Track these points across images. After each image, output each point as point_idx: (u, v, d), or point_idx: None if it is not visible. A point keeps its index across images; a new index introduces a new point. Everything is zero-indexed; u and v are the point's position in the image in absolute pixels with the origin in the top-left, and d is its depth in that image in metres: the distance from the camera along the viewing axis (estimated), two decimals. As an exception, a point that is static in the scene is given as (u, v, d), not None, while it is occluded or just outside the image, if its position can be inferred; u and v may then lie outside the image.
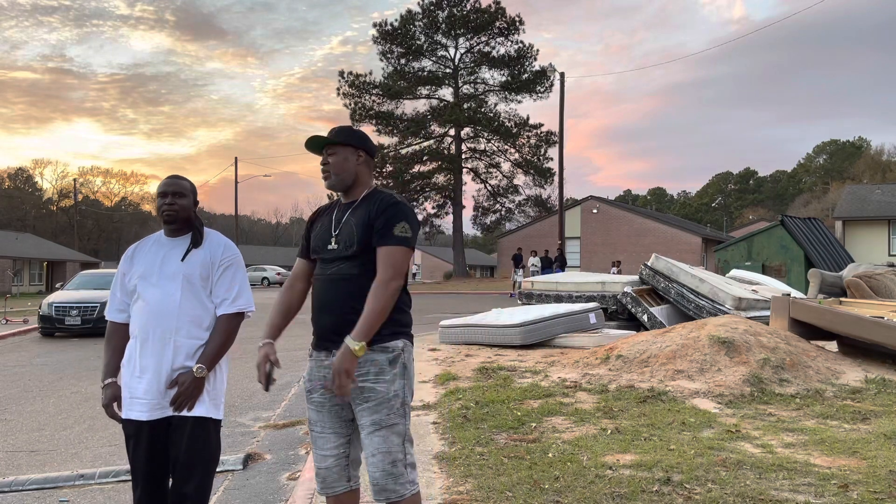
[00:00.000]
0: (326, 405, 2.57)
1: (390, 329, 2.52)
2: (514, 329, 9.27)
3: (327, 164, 2.65)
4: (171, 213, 2.74)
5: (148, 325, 2.64)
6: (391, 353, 2.51)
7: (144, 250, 2.77)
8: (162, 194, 2.75)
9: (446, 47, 42.07)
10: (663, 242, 38.46)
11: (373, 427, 2.46)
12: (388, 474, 2.44)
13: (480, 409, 5.64)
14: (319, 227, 2.70)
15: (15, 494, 4.29)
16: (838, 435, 4.73)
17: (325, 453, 2.57)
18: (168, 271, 2.69)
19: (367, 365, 2.47)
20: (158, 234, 2.84)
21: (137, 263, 2.74)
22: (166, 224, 2.76)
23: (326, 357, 2.56)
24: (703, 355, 6.62)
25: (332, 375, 2.40)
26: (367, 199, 2.64)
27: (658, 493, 3.60)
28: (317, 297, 2.62)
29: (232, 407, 6.78)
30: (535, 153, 41.61)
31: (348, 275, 2.54)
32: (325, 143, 2.66)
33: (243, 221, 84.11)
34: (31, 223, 68.02)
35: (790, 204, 74.20)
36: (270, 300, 19.81)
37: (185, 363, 2.64)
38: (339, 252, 2.57)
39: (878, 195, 30.73)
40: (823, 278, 11.85)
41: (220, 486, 4.36)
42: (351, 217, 2.59)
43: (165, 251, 2.74)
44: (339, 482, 2.59)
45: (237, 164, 49.11)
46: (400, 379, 2.52)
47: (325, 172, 2.65)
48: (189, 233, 2.78)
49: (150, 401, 2.61)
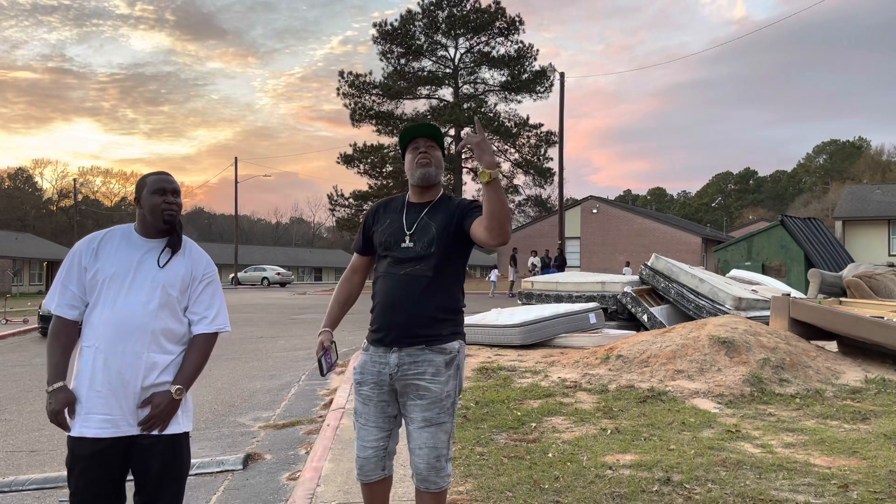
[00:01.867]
0: (374, 399, 2.66)
1: (450, 329, 2.64)
2: (514, 329, 9.27)
3: (429, 153, 2.68)
4: (172, 213, 2.49)
5: (118, 337, 2.38)
6: (448, 354, 2.61)
7: (112, 247, 2.47)
8: (160, 191, 2.49)
9: (446, 47, 42.09)
10: (663, 242, 38.46)
11: (423, 423, 2.57)
12: (431, 467, 2.58)
13: (480, 409, 5.64)
14: (388, 223, 2.71)
15: (15, 494, 4.29)
16: (838, 435, 4.73)
17: (367, 444, 2.68)
18: (146, 277, 2.44)
19: (425, 365, 2.58)
20: (126, 229, 2.54)
21: (106, 261, 2.44)
22: (165, 224, 2.49)
23: (385, 354, 2.63)
24: (703, 355, 6.62)
25: (473, 140, 2.36)
26: (444, 202, 2.72)
27: (658, 493, 3.61)
28: (386, 293, 2.64)
29: (232, 407, 6.78)
30: (535, 153, 41.64)
31: (423, 276, 2.60)
32: (431, 136, 2.71)
33: (243, 221, 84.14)
34: (31, 223, 68.03)
35: (790, 204, 74.21)
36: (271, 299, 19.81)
37: (157, 380, 2.42)
38: (415, 252, 2.62)
39: (878, 195, 30.73)
40: (823, 278, 11.85)
41: (220, 486, 4.36)
42: (429, 218, 2.65)
43: (141, 253, 2.47)
44: (376, 472, 2.69)
45: (237, 164, 49.14)
46: (453, 380, 2.63)
47: (427, 160, 2.67)
48: (167, 236, 2.53)
49: (113, 418, 2.37)
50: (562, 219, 31.65)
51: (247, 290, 38.00)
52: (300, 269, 70.29)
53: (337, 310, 2.87)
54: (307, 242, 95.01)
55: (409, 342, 2.58)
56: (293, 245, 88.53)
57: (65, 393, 2.36)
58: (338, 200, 42.98)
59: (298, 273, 67.96)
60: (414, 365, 2.58)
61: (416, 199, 2.73)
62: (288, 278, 47.40)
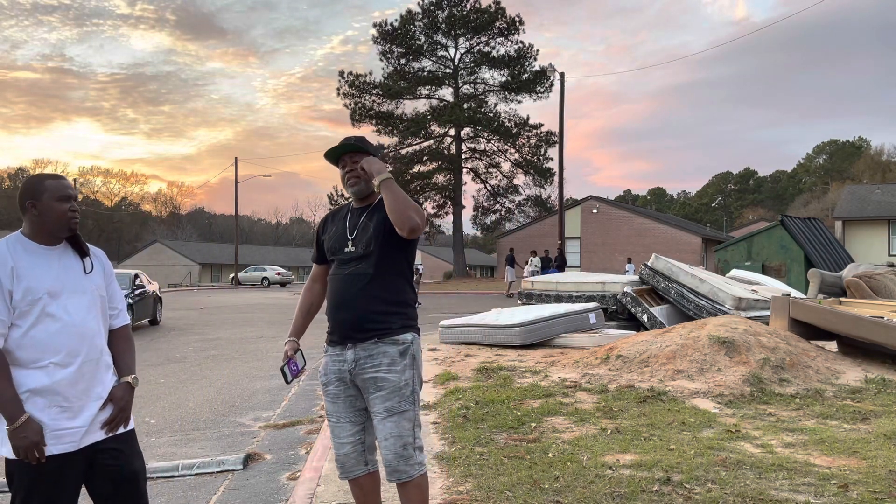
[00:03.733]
0: (341, 396, 2.78)
1: (400, 322, 2.75)
2: (514, 329, 9.27)
3: (354, 170, 2.82)
4: (77, 222, 2.42)
5: (77, 347, 2.34)
6: (402, 345, 2.73)
7: (27, 262, 2.33)
8: (65, 198, 2.38)
9: (446, 47, 42.07)
10: (663, 242, 38.46)
11: (385, 413, 2.67)
12: (399, 456, 2.67)
13: (480, 409, 5.64)
14: (333, 230, 2.89)
15: (15, 494, 4.29)
16: (838, 435, 4.73)
17: (343, 441, 2.79)
18: (78, 286, 2.40)
19: (380, 357, 2.69)
20: (19, 240, 2.39)
21: (31, 278, 2.30)
22: (69, 233, 2.40)
23: (342, 352, 2.76)
24: (703, 355, 6.62)
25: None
26: (383, 203, 2.80)
27: (658, 492, 3.61)
28: (333, 294, 2.79)
29: (232, 407, 6.78)
30: (535, 153, 41.61)
31: (365, 273, 2.73)
32: (353, 150, 2.83)
33: (243, 221, 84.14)
34: (31, 223, 67.84)
35: (790, 204, 74.21)
36: (271, 299, 19.80)
37: (111, 379, 2.46)
38: (356, 253, 2.77)
39: (877, 195, 30.73)
40: (823, 278, 11.85)
41: (220, 486, 4.37)
42: (367, 220, 2.80)
43: (56, 262, 2.39)
44: (358, 466, 2.81)
45: (237, 164, 49.13)
46: (410, 369, 2.73)
47: (355, 178, 2.82)
48: (60, 242, 2.43)
49: (81, 429, 2.34)
50: (562, 219, 31.65)
51: (247, 290, 38.00)
52: (300, 269, 70.26)
53: (301, 319, 3.02)
54: (307, 242, 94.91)
55: (361, 337, 2.71)
56: (293, 245, 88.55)
57: (34, 423, 2.25)
58: (338, 201, 42.96)
59: (298, 273, 67.93)
60: (369, 358, 2.69)
61: (357, 204, 2.90)
62: (288, 278, 47.40)
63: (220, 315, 18.70)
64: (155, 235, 71.90)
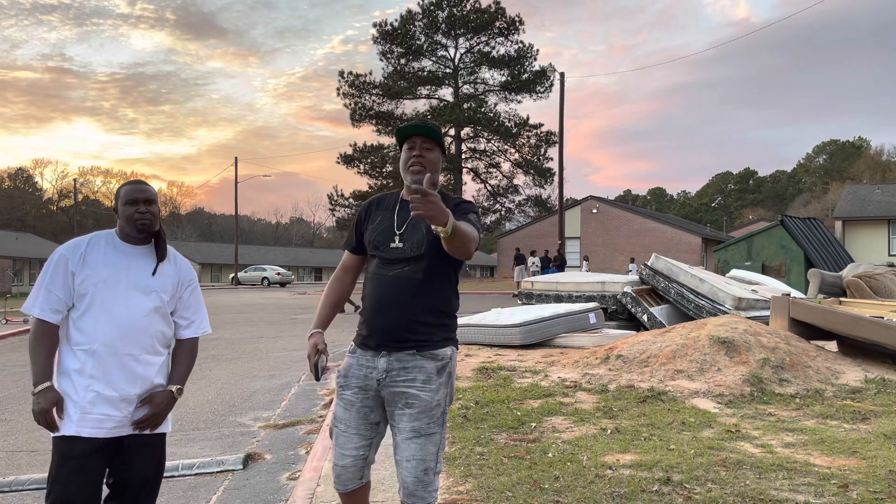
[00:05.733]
0: (356, 405, 2.53)
1: (442, 335, 2.52)
2: (514, 329, 9.27)
3: (423, 157, 2.53)
4: (145, 223, 2.55)
5: (118, 339, 2.46)
6: (440, 361, 2.50)
7: (99, 253, 2.53)
8: (132, 202, 2.54)
9: (446, 47, 42.11)
10: (663, 242, 38.47)
11: (412, 434, 2.45)
12: (419, 481, 2.45)
13: (480, 408, 5.64)
14: (379, 221, 2.60)
15: (15, 494, 4.29)
16: (838, 435, 4.73)
17: (346, 452, 2.55)
18: (139, 283, 2.52)
19: (415, 371, 2.46)
20: (108, 235, 2.60)
21: (94, 266, 2.49)
22: (139, 233, 2.56)
23: (373, 358, 2.51)
24: (703, 355, 6.62)
25: (417, 194, 2.11)
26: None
27: (658, 492, 3.61)
28: (375, 297, 2.53)
29: (232, 407, 6.78)
30: (535, 153, 41.65)
31: (413, 278, 2.48)
32: (430, 135, 2.55)
33: (243, 221, 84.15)
34: (31, 223, 68.04)
35: (790, 204, 74.21)
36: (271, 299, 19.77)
37: (154, 381, 2.55)
38: (404, 252, 2.51)
39: (877, 195, 30.73)
40: (823, 278, 11.85)
41: (220, 486, 4.36)
42: (419, 218, 2.44)
43: (128, 259, 2.55)
44: (353, 481, 2.59)
45: (237, 164, 49.13)
46: (444, 388, 2.51)
47: (420, 165, 2.51)
48: (149, 242, 2.61)
49: (109, 417, 2.45)
50: (562, 219, 31.65)
51: (247, 290, 37.99)
52: (300, 269, 70.27)
53: (328, 310, 2.73)
54: (307, 242, 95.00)
55: (398, 347, 2.47)
56: (293, 245, 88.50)
57: (52, 392, 2.39)
58: (338, 200, 43.00)
59: (298, 273, 67.94)
60: (403, 371, 2.46)
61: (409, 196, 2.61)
62: (288, 278, 47.40)
63: (220, 315, 18.70)
64: (155, 235, 71.77)
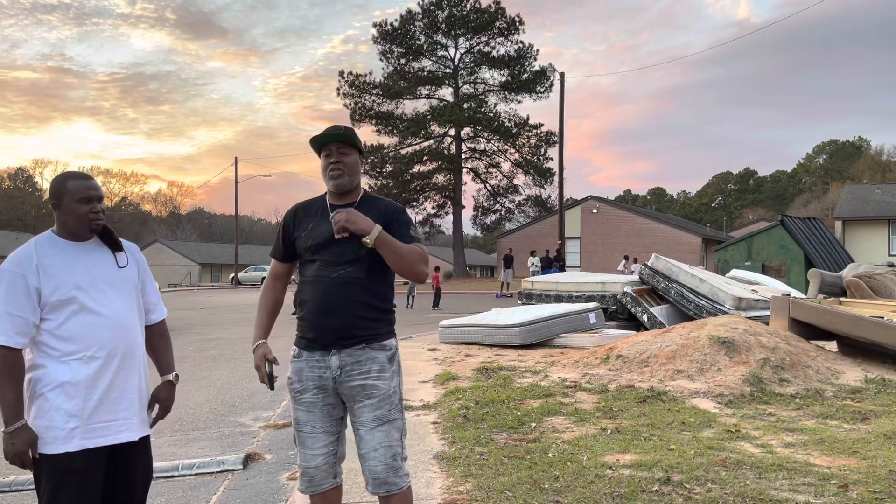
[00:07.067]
0: (318, 405, 2.61)
1: (386, 328, 2.65)
2: (514, 329, 9.26)
3: (340, 162, 2.62)
4: (101, 222, 2.39)
5: (116, 340, 2.35)
6: (388, 351, 2.62)
7: (55, 258, 2.32)
8: (86, 199, 2.35)
9: (446, 47, 42.08)
10: (663, 242, 38.47)
11: (375, 423, 2.55)
12: (389, 468, 2.54)
13: (480, 408, 5.64)
14: (312, 227, 2.66)
15: (15, 494, 4.29)
16: (838, 435, 4.73)
17: (316, 452, 2.61)
18: (111, 280, 2.39)
19: (369, 363, 2.56)
20: (49, 238, 2.39)
21: (59, 274, 2.30)
22: (91, 233, 2.39)
23: (324, 357, 2.59)
24: (703, 355, 6.62)
25: (338, 219, 2.52)
26: (368, 202, 2.68)
27: (658, 492, 3.61)
28: (318, 299, 2.58)
29: (232, 407, 6.78)
30: (535, 153, 41.61)
31: (356, 278, 2.57)
32: (342, 140, 2.63)
33: (243, 221, 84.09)
34: (31, 223, 68.03)
35: (790, 204, 74.18)
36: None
37: (145, 374, 2.49)
38: (344, 255, 2.58)
39: (877, 195, 30.74)
40: (823, 278, 11.85)
41: (220, 486, 4.36)
42: None
43: (87, 258, 2.38)
44: (327, 480, 2.64)
45: (237, 164, 49.13)
46: (397, 376, 2.65)
47: (339, 171, 2.62)
48: (92, 237, 2.43)
49: (114, 423, 2.35)
50: (562, 219, 31.66)
51: (247, 290, 37.98)
52: (300, 269, 70.20)
53: (267, 320, 2.82)
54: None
55: (348, 343, 2.55)
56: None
57: (27, 432, 2.23)
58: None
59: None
60: (357, 364, 2.55)
61: (336, 201, 2.69)
62: (288, 278, 47.34)
63: (219, 315, 18.70)
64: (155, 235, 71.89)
